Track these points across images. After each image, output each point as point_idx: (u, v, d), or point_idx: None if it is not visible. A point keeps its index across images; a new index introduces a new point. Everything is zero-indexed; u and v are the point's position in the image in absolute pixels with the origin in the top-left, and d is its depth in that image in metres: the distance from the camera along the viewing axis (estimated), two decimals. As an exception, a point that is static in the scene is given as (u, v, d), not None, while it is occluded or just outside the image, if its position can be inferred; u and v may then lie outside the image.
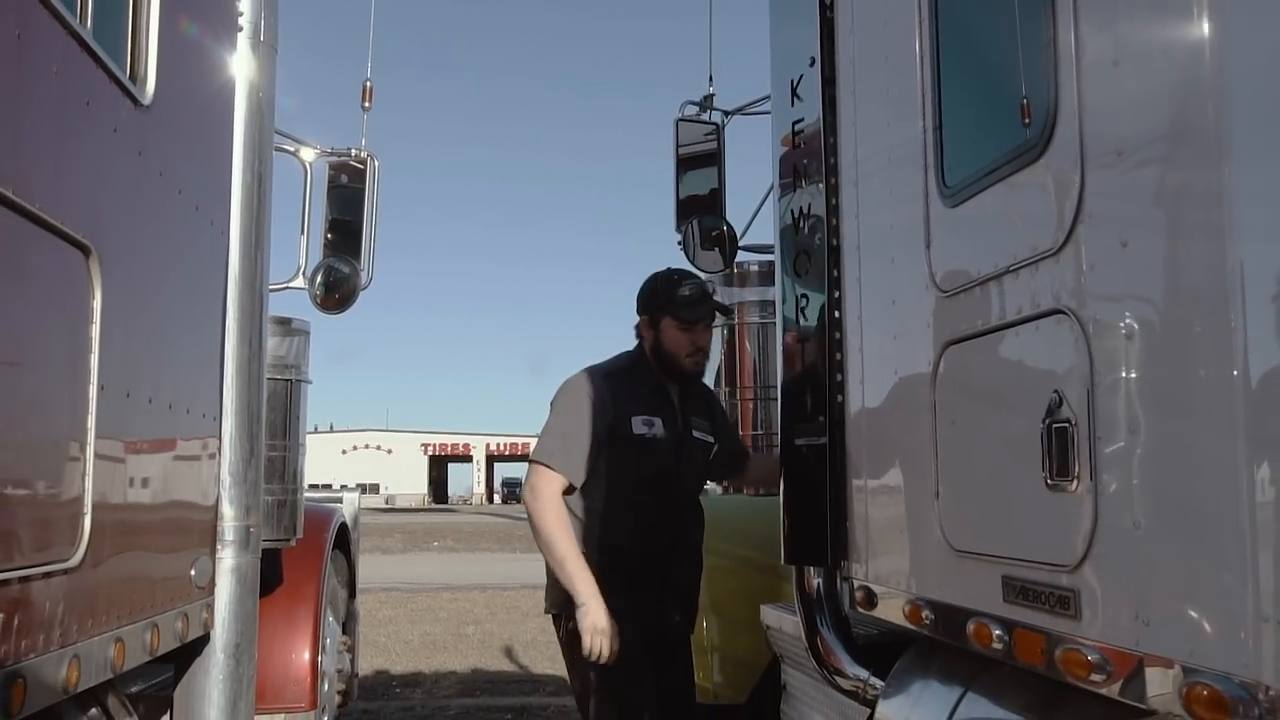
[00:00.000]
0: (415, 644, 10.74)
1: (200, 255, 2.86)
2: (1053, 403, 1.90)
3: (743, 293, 5.37)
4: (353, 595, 5.86)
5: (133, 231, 2.35)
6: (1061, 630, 1.89)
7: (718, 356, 5.28)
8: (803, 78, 3.13)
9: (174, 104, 2.56)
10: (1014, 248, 2.06)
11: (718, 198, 4.93)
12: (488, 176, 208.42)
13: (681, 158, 4.97)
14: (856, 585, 2.85)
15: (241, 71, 3.06)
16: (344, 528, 5.46)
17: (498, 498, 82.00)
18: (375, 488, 72.06)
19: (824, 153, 3.03)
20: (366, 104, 5.07)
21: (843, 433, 2.94)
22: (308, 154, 4.84)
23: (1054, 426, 1.90)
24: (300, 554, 4.53)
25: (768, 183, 3.76)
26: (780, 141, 3.26)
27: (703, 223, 4.79)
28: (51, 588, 1.93)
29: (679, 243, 4.78)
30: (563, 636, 3.55)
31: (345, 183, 4.89)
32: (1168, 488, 1.66)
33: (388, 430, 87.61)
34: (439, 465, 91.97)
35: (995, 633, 2.11)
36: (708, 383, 4.32)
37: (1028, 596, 1.99)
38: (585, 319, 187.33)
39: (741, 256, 5.05)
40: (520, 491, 4.21)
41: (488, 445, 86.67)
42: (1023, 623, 2.02)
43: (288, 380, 4.33)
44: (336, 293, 4.76)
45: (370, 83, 5.15)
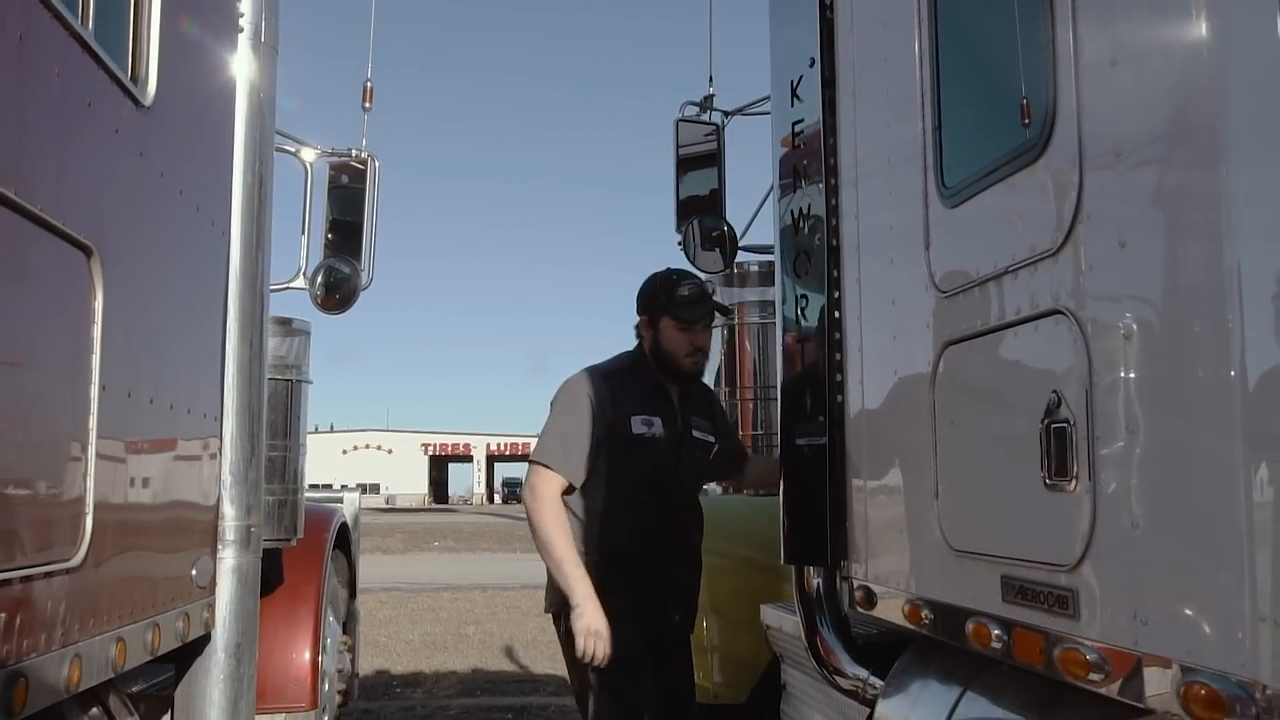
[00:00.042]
0: (416, 644, 10.74)
1: (201, 256, 2.86)
2: (1051, 403, 1.91)
3: (743, 293, 5.38)
4: (353, 595, 5.87)
5: (134, 232, 2.36)
6: (1060, 630, 1.90)
7: (718, 356, 5.29)
8: (802, 78, 3.14)
9: (175, 105, 2.57)
10: (1013, 248, 2.07)
11: (718, 198, 4.93)
12: (488, 177, 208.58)
13: (682, 158, 4.97)
14: (856, 585, 2.86)
15: (242, 72, 3.07)
16: (344, 528, 5.47)
17: (498, 498, 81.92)
18: (376, 488, 72.01)
19: (824, 153, 3.04)
20: (367, 104, 5.08)
21: (842, 433, 2.94)
22: (308, 154, 4.84)
23: (1053, 427, 1.90)
24: (301, 554, 4.53)
25: (768, 183, 3.77)
26: (780, 142, 3.26)
27: (703, 223, 4.80)
28: (53, 587, 1.93)
29: (679, 243, 4.79)
30: (563, 636, 3.55)
31: (346, 183, 4.89)
32: (1166, 488, 1.66)
33: (388, 430, 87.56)
34: (439, 465, 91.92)
35: (994, 632, 2.11)
36: (708, 383, 4.33)
37: (1026, 596, 2.00)
38: (585, 319, 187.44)
39: (741, 257, 5.06)
40: (520, 491, 4.22)
41: (488, 445, 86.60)
42: (1021, 622, 2.02)
43: (288, 380, 4.34)
44: (337, 293, 4.76)
45: (370, 83, 5.16)
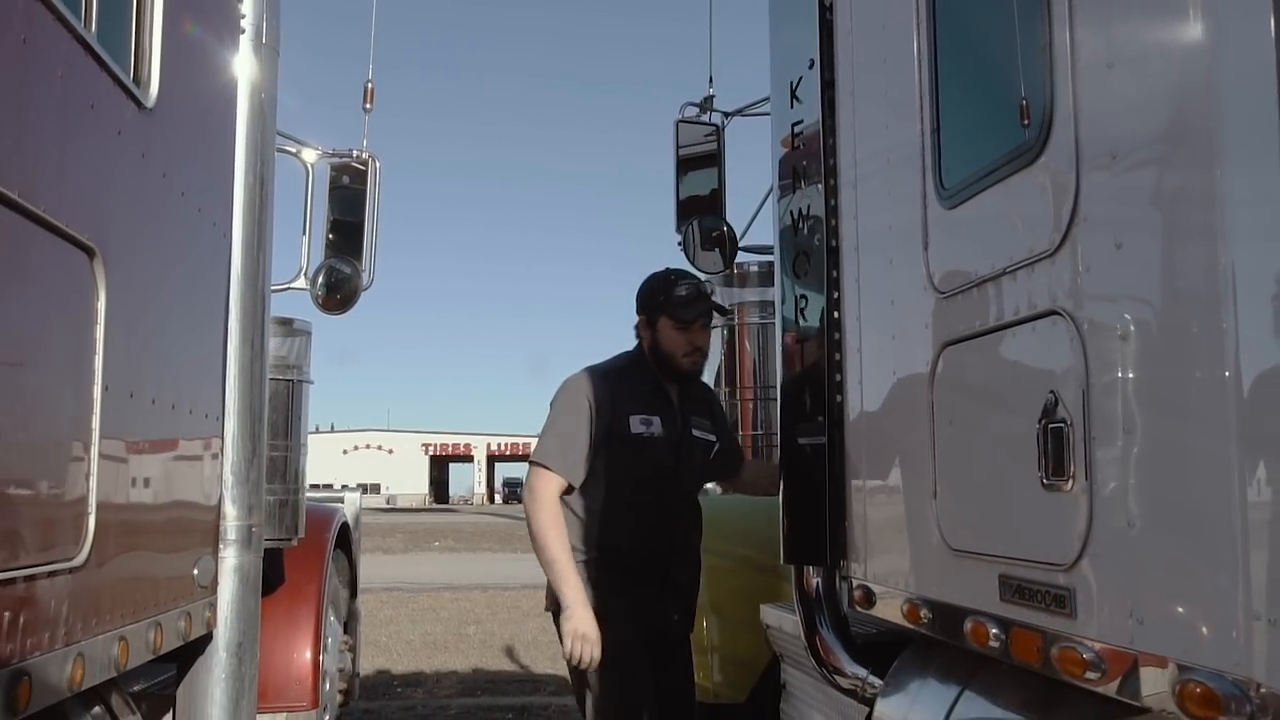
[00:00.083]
0: (416, 644, 10.75)
1: (203, 256, 2.87)
2: (1049, 403, 1.92)
3: (743, 293, 5.38)
4: (354, 595, 5.88)
5: (136, 233, 2.37)
6: (1057, 629, 1.91)
7: (718, 357, 5.29)
8: (802, 80, 3.15)
9: (177, 106, 2.58)
10: (1011, 249, 2.08)
11: (718, 199, 4.94)
12: (488, 177, 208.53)
13: (682, 159, 4.98)
14: (855, 584, 2.87)
15: (244, 74, 3.08)
16: (345, 527, 5.48)
17: (499, 498, 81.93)
18: (376, 488, 71.97)
19: (823, 154, 3.05)
20: (368, 105, 5.09)
21: (842, 433, 2.95)
22: (309, 155, 4.85)
23: (1050, 427, 1.91)
24: (302, 554, 4.55)
25: (768, 184, 3.78)
26: (780, 143, 3.27)
27: (703, 223, 4.80)
28: (56, 586, 1.94)
29: (679, 243, 4.80)
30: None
31: (346, 184, 4.90)
32: (1161, 488, 1.67)
33: (389, 430, 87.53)
34: (440, 465, 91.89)
35: (992, 631, 2.12)
36: (708, 382, 4.33)
37: (1024, 595, 2.01)
38: (585, 319, 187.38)
39: (741, 257, 5.06)
40: (521, 491, 4.23)
41: (488, 445, 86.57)
42: (1019, 621, 2.03)
43: (289, 381, 4.35)
44: (338, 293, 4.77)
45: (371, 84, 5.18)
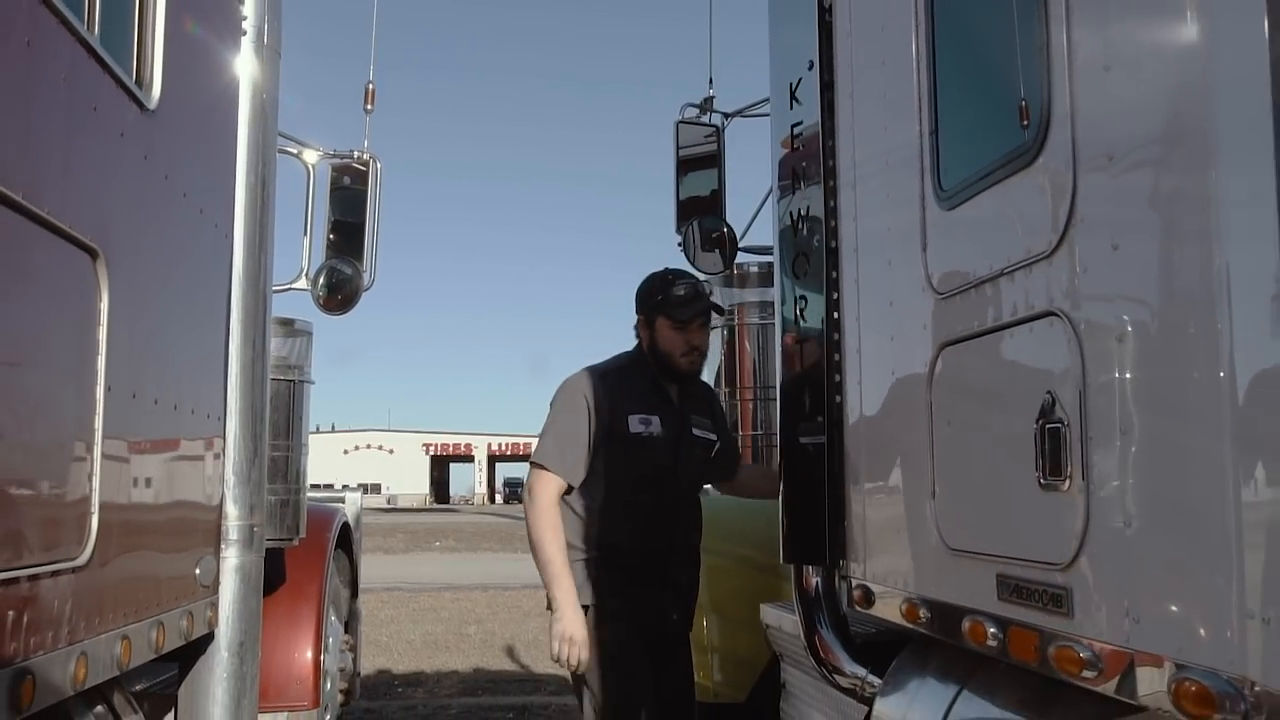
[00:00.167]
0: (417, 643, 10.76)
1: (204, 257, 2.88)
2: (1046, 404, 1.93)
3: (743, 294, 5.38)
4: (355, 595, 5.89)
5: (139, 234, 2.38)
6: (1054, 628, 1.92)
7: (717, 357, 5.30)
8: (801, 81, 3.16)
9: (179, 108, 2.59)
10: (1009, 250, 2.09)
11: (718, 199, 4.95)
12: (489, 177, 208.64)
13: (682, 160, 4.98)
14: (854, 584, 2.87)
15: (245, 75, 3.09)
16: (346, 527, 5.49)
17: (499, 498, 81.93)
18: (377, 488, 71.95)
19: (822, 155, 3.06)
20: (369, 106, 5.10)
21: (841, 433, 2.96)
22: (310, 156, 4.85)
23: (1047, 427, 1.92)
24: (303, 553, 4.56)
25: (767, 184, 3.79)
26: (779, 144, 3.28)
27: (703, 224, 4.81)
28: (59, 586, 1.95)
29: (679, 244, 4.81)
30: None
31: (348, 184, 4.90)
32: (1157, 488, 1.68)
33: (389, 430, 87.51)
34: (440, 465, 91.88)
35: (990, 630, 2.13)
36: (708, 382, 4.34)
37: (1022, 595, 2.02)
38: (586, 319, 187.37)
39: (741, 258, 5.07)
40: (521, 491, 4.24)
41: (489, 445, 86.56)
42: (1017, 620, 2.04)
43: (290, 381, 4.36)
44: (339, 294, 4.77)
45: (372, 85, 5.19)
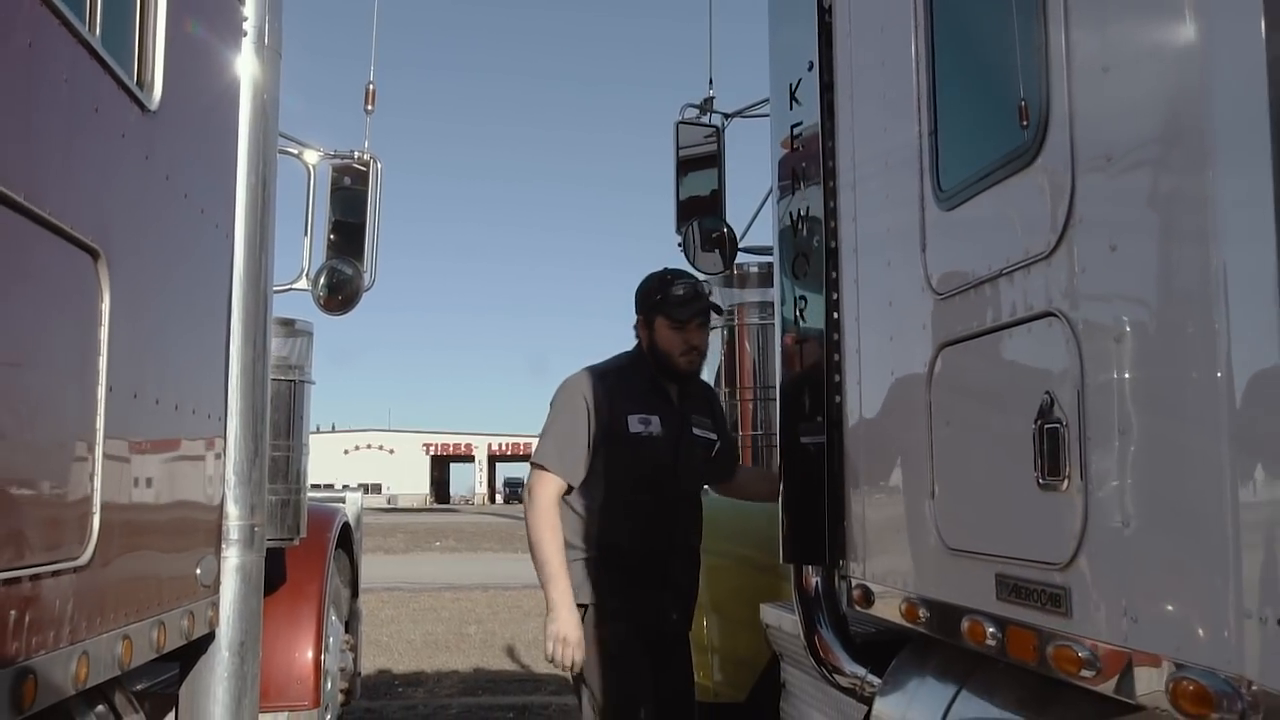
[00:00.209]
0: (417, 643, 10.77)
1: (205, 257, 2.89)
2: (1044, 404, 1.93)
3: (743, 294, 5.39)
4: (355, 594, 5.90)
5: (140, 235, 2.39)
6: (1053, 627, 1.92)
7: (717, 357, 5.30)
8: (801, 82, 3.16)
9: (180, 109, 2.59)
10: (1007, 251, 2.09)
11: (718, 200, 4.95)
12: (489, 177, 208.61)
13: (682, 160, 4.99)
14: (854, 584, 2.88)
15: (246, 76, 3.09)
16: (347, 527, 5.50)
17: (499, 498, 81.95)
18: (377, 488, 71.97)
19: (822, 156, 3.06)
20: (369, 106, 5.10)
21: (840, 433, 2.96)
22: (311, 156, 4.86)
23: (1046, 427, 1.93)
24: (304, 553, 4.56)
25: (767, 184, 3.79)
26: (779, 144, 3.28)
27: (703, 224, 4.82)
28: (61, 586, 1.96)
29: (679, 244, 4.81)
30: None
31: (348, 185, 4.91)
32: (1155, 487, 1.69)
33: (390, 430, 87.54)
34: (441, 465, 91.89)
35: (989, 630, 2.14)
36: (708, 381, 4.34)
37: (1020, 594, 2.02)
38: (586, 319, 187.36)
39: (741, 258, 5.07)
40: (521, 491, 4.25)
41: (489, 445, 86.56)
42: (1015, 620, 2.04)
43: (291, 381, 4.37)
44: (339, 294, 4.78)
45: (373, 85, 5.19)
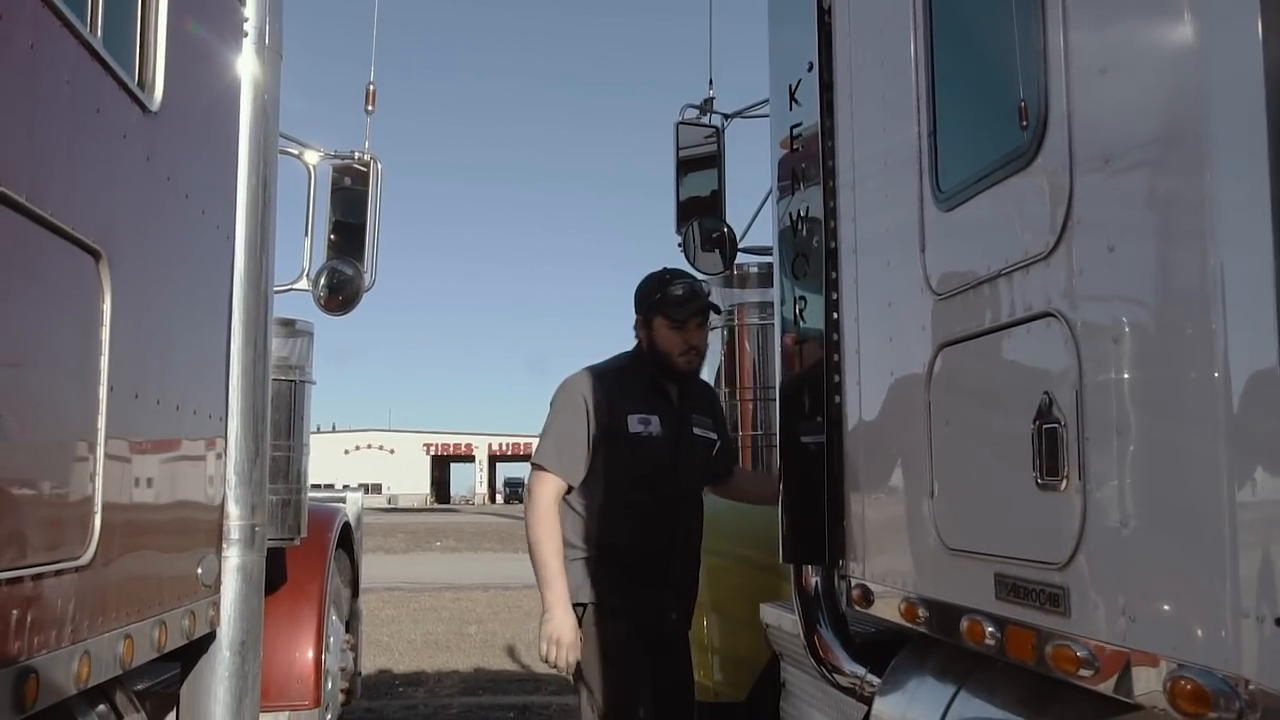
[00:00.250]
0: (418, 643, 10.78)
1: (206, 258, 2.90)
2: (1043, 404, 1.94)
3: (743, 294, 5.39)
4: (356, 594, 5.91)
5: (141, 236, 2.39)
6: (1052, 627, 1.92)
7: (717, 358, 5.31)
8: (801, 82, 3.16)
9: (181, 110, 2.60)
10: (1006, 251, 2.10)
11: (718, 200, 4.96)
12: (489, 178, 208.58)
13: (682, 160, 4.99)
14: (854, 583, 2.88)
15: (247, 76, 3.10)
16: (347, 527, 5.51)
17: (500, 498, 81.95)
18: (378, 488, 71.99)
19: (821, 156, 3.06)
20: (369, 107, 5.11)
21: (840, 433, 2.97)
22: (312, 157, 4.87)
23: (1044, 427, 1.93)
24: (304, 553, 4.58)
25: (767, 185, 3.80)
26: (779, 145, 3.28)
27: (703, 225, 4.82)
28: (63, 585, 1.97)
29: (679, 245, 4.82)
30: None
31: (348, 185, 4.92)
32: (1153, 487, 1.69)
33: (390, 430, 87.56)
34: (441, 465, 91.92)
35: (988, 629, 2.14)
36: (708, 381, 4.35)
37: (1019, 594, 2.03)
38: (586, 319, 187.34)
39: (741, 258, 5.08)
40: (522, 491, 4.26)
41: (490, 445, 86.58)
42: (1015, 620, 2.05)
43: (292, 381, 4.38)
44: (340, 294, 4.79)
45: (373, 85, 5.20)
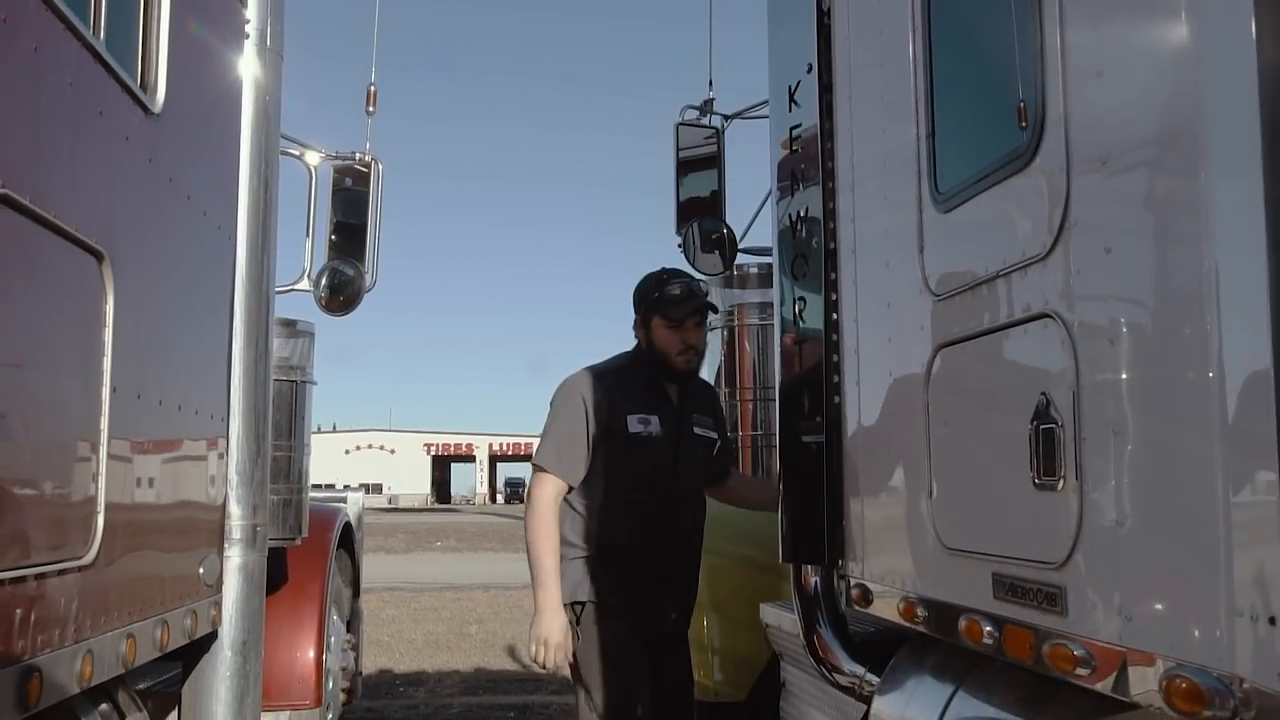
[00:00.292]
0: (418, 643, 10.79)
1: (208, 259, 2.91)
2: (1040, 405, 1.95)
3: (742, 295, 5.40)
4: (357, 594, 5.92)
5: (144, 237, 2.41)
6: (1049, 626, 1.93)
7: (717, 357, 5.32)
8: (800, 84, 3.17)
9: (183, 111, 2.61)
10: (1004, 253, 2.10)
11: (718, 201, 4.97)
12: (490, 178, 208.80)
13: (682, 161, 5.00)
14: (853, 583, 2.89)
15: (248, 78, 3.11)
16: (348, 527, 5.52)
17: (500, 498, 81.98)
18: (378, 488, 72.02)
19: (821, 158, 3.07)
20: (370, 108, 5.13)
21: (839, 433, 2.98)
22: (313, 158, 4.88)
23: (1041, 428, 1.94)
24: (305, 553, 4.59)
25: (767, 185, 3.81)
26: (778, 146, 3.29)
27: (703, 225, 4.83)
28: (66, 585, 1.98)
29: (679, 245, 4.83)
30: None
31: (349, 186, 4.93)
32: (1149, 488, 1.70)
33: (391, 430, 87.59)
34: (442, 465, 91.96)
35: (986, 629, 2.15)
36: (708, 381, 4.36)
37: (1017, 593, 2.04)
38: (586, 319, 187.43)
39: (741, 259, 5.08)
40: (522, 491, 4.28)
41: (490, 445, 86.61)
42: (1012, 619, 2.06)
43: (293, 381, 4.39)
44: (341, 295, 4.80)
45: (374, 86, 5.22)
